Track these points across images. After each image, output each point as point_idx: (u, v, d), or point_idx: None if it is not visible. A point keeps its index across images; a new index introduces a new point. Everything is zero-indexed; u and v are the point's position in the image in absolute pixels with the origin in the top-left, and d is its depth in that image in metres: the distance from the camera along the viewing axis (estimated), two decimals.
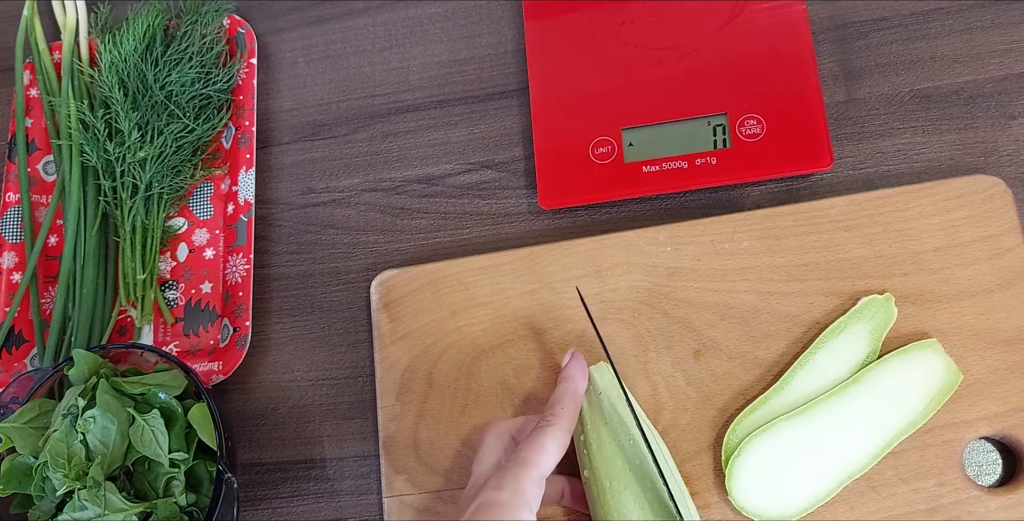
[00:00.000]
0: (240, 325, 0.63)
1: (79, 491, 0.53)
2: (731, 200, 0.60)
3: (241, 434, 0.63)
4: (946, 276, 0.53)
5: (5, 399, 0.57)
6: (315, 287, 0.66)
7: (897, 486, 0.50)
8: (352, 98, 0.70)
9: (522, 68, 0.67)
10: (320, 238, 0.67)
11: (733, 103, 0.59)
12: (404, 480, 0.57)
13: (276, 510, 0.61)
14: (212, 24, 0.70)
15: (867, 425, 0.50)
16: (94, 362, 0.57)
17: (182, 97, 0.67)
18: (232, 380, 0.64)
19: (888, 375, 0.51)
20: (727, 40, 0.61)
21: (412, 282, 0.61)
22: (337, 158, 0.69)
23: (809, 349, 0.53)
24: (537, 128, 0.63)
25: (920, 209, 0.55)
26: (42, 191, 0.71)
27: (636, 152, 0.60)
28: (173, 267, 0.68)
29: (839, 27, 0.62)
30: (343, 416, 0.62)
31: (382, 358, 0.60)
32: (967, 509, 0.50)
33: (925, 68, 0.60)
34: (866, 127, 0.60)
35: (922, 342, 0.52)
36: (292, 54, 0.72)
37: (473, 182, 0.65)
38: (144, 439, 0.54)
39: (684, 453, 0.53)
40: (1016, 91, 0.58)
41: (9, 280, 0.69)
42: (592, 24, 0.64)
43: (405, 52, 0.70)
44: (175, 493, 0.55)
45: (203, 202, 0.69)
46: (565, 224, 0.63)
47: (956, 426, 0.51)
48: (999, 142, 0.57)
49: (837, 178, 0.59)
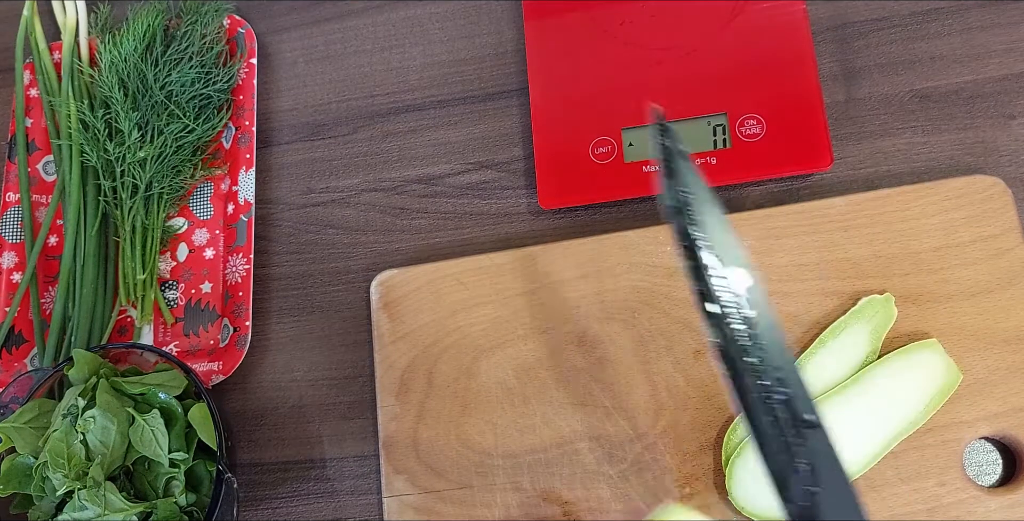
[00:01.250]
0: (240, 325, 0.63)
1: (79, 491, 0.53)
2: (731, 200, 0.60)
3: (241, 434, 0.63)
4: (946, 276, 0.53)
5: (5, 399, 0.57)
6: (315, 287, 0.66)
7: (897, 486, 0.51)
8: (352, 98, 0.70)
9: (522, 68, 0.67)
10: (320, 238, 0.67)
11: (733, 103, 0.59)
12: (404, 480, 0.57)
13: (276, 510, 0.61)
14: (212, 24, 0.70)
15: (867, 425, 0.50)
16: (94, 362, 0.57)
17: (182, 97, 0.67)
18: (232, 380, 0.64)
19: (888, 375, 0.51)
20: (727, 40, 0.61)
21: (412, 282, 0.61)
22: (337, 158, 0.69)
23: (809, 349, 0.53)
24: (537, 128, 0.63)
25: (920, 209, 0.55)
26: (42, 191, 0.71)
27: (636, 152, 0.60)
28: (173, 267, 0.68)
29: (839, 27, 0.62)
30: (343, 416, 0.62)
31: (382, 358, 0.60)
32: (967, 509, 0.50)
33: (925, 68, 0.60)
34: (866, 127, 0.60)
35: (922, 342, 0.52)
36: (292, 54, 0.72)
37: (473, 182, 0.65)
38: (144, 439, 0.54)
39: (684, 453, 0.53)
40: (1016, 91, 0.58)
41: (9, 280, 0.69)
42: (592, 24, 0.64)
43: (405, 52, 0.70)
44: (175, 493, 0.55)
45: (203, 202, 0.69)
46: (565, 224, 0.63)
47: (956, 426, 0.51)
48: (999, 142, 0.57)
49: (837, 178, 0.59)
